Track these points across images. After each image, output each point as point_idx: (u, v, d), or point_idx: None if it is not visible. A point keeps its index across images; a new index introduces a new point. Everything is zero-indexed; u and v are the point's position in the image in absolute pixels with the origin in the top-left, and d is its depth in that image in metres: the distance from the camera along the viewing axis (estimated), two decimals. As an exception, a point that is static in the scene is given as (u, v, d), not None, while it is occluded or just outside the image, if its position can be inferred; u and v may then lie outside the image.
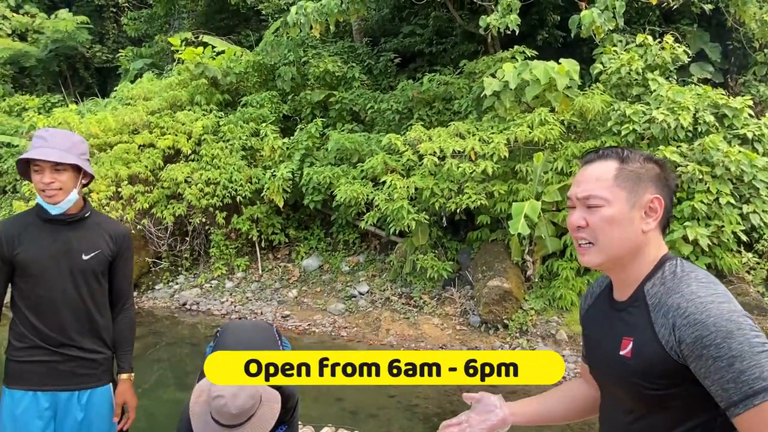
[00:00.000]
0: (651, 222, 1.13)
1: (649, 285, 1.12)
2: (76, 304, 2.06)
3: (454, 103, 8.20)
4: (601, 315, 1.25)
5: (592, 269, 1.24)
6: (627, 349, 1.11)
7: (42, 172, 1.99)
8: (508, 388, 4.85)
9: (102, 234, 2.15)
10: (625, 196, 1.12)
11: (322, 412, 4.70)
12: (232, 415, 1.93)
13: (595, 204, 1.13)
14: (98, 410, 2.14)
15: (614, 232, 1.12)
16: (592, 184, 1.15)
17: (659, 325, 1.06)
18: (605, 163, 1.16)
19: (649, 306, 1.10)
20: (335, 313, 7.24)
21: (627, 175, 1.14)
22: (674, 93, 6.37)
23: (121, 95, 10.55)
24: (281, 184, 7.96)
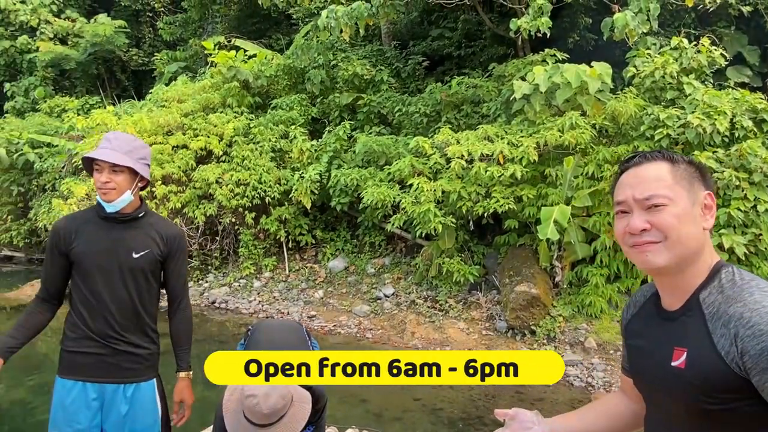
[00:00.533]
0: (709, 219, 1.10)
1: (705, 293, 1.07)
2: (123, 300, 2.14)
3: (482, 107, 8.16)
4: (649, 324, 1.19)
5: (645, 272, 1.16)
6: (680, 360, 1.06)
7: (101, 171, 2.09)
8: (521, 393, 4.79)
9: (154, 234, 2.21)
10: (686, 194, 1.10)
11: (347, 413, 4.73)
12: (263, 414, 1.97)
13: (659, 203, 1.09)
14: (142, 404, 2.20)
15: (684, 228, 1.08)
16: (651, 184, 1.10)
17: (718, 335, 1.01)
18: (655, 164, 1.12)
19: (706, 315, 1.04)
20: (360, 315, 7.28)
21: (682, 174, 1.11)
22: (710, 97, 6.21)
23: (156, 97, 10.85)
24: (309, 185, 8.06)
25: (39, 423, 4.70)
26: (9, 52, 15.32)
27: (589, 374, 5.29)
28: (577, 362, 5.49)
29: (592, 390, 5.04)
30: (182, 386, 2.31)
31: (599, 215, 6.21)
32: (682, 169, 1.11)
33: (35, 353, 7.09)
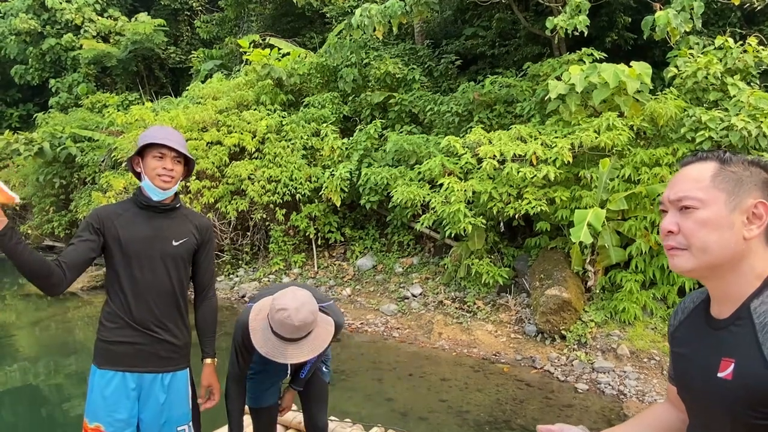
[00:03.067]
0: (755, 228, 1.02)
1: (756, 302, 1.01)
2: (164, 288, 2.19)
3: (516, 106, 8.03)
4: (696, 332, 1.14)
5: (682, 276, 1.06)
6: (727, 371, 1.01)
7: (164, 159, 2.15)
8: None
9: (189, 224, 2.28)
10: (724, 198, 1.03)
11: (372, 412, 4.73)
12: (294, 327, 2.06)
13: (689, 205, 1.04)
14: (178, 393, 2.25)
15: (710, 236, 1.02)
16: (687, 184, 1.06)
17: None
18: (703, 164, 1.07)
19: (756, 325, 0.99)
20: (388, 314, 7.27)
21: (727, 176, 1.04)
22: (757, 99, 5.94)
23: (192, 94, 11.08)
24: (339, 183, 8.09)
25: (73, 409, 4.86)
26: (54, 50, 15.91)
27: (621, 382, 5.15)
28: (609, 369, 5.35)
29: (623, 398, 4.90)
30: (209, 372, 2.36)
31: (635, 219, 6.03)
32: (732, 170, 1.04)
33: (73, 341, 7.34)
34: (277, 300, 2.13)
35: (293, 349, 2.13)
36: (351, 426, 3.58)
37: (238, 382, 2.46)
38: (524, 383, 5.33)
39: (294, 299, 2.13)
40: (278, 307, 2.10)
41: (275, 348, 2.13)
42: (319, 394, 2.73)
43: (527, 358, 5.83)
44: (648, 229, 5.93)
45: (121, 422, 2.13)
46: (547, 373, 5.50)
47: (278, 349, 2.13)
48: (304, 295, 2.17)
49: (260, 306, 2.28)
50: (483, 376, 5.54)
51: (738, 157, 1.06)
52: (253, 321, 2.22)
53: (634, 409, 4.58)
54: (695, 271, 1.05)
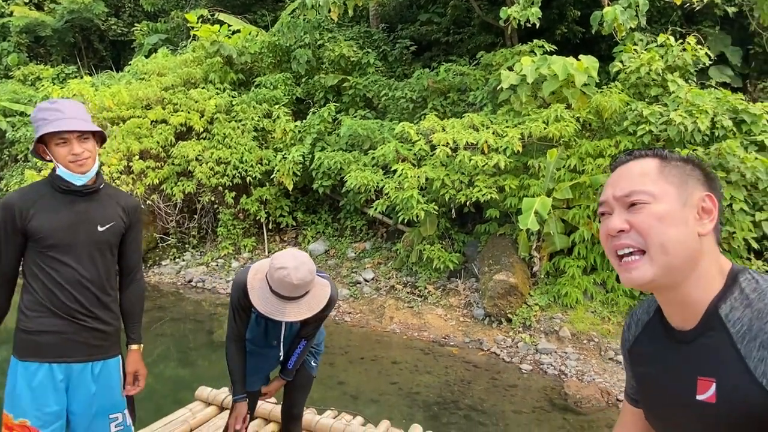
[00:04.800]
0: (707, 223, 0.93)
1: (725, 308, 0.89)
2: (91, 275, 2.06)
3: (469, 95, 8.14)
4: (659, 348, 1.00)
5: (633, 287, 0.96)
6: (709, 393, 0.88)
7: (69, 143, 1.96)
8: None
9: (115, 206, 2.14)
10: (675, 192, 0.93)
11: (323, 395, 4.75)
12: (293, 285, 2.10)
13: (640, 200, 0.93)
14: (109, 381, 2.15)
15: (668, 231, 0.91)
16: (633, 179, 0.96)
17: (754, 359, 0.83)
18: (644, 161, 0.98)
19: (733, 335, 0.87)
20: (339, 298, 7.27)
21: (672, 171, 0.96)
22: (693, 96, 6.29)
23: (135, 70, 10.54)
24: (292, 167, 7.97)
25: None
26: (-20, 15, 14.70)
27: (562, 363, 5.40)
28: (552, 351, 5.60)
29: (564, 378, 5.14)
30: (136, 358, 2.25)
31: (579, 208, 6.29)
32: (673, 166, 0.97)
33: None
34: (276, 259, 2.15)
35: (291, 308, 2.16)
36: (305, 410, 3.57)
37: (236, 341, 2.43)
38: (472, 365, 5.50)
39: (293, 258, 2.16)
40: (277, 266, 2.12)
41: (274, 306, 2.15)
42: (302, 385, 2.73)
43: (475, 340, 6.00)
44: (590, 217, 6.19)
45: (50, 416, 2.01)
46: (493, 355, 5.69)
47: (277, 307, 2.15)
48: (302, 255, 2.21)
49: (258, 266, 2.28)
50: (433, 358, 5.66)
51: (675, 154, 1.00)
52: (251, 280, 2.22)
53: (574, 388, 4.82)
54: (656, 281, 0.92)
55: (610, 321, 5.87)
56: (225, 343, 2.44)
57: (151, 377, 5.38)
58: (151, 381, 5.32)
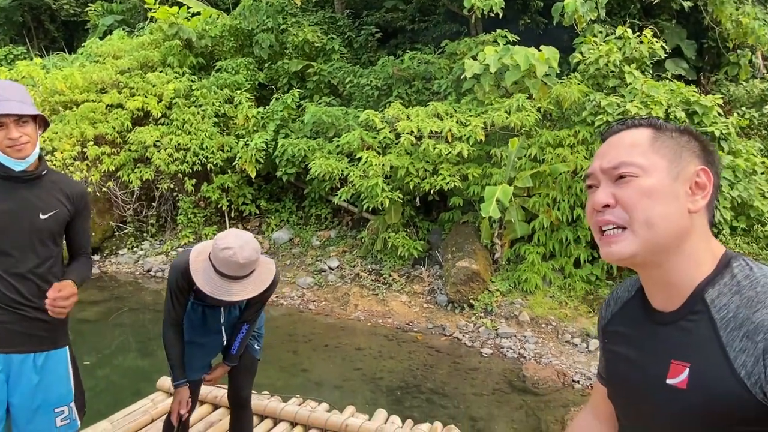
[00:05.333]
0: (699, 200, 0.87)
1: (712, 292, 0.84)
2: (33, 264, 1.97)
3: (433, 83, 8.17)
4: (636, 328, 0.96)
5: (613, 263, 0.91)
6: (680, 378, 0.83)
7: (6, 127, 1.86)
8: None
9: (59, 193, 2.05)
10: (666, 165, 0.87)
11: (287, 383, 4.74)
12: (239, 264, 2.09)
13: (628, 173, 0.87)
14: (54, 373, 2.06)
15: (655, 207, 0.85)
16: (622, 150, 0.89)
17: (736, 348, 0.78)
18: (636, 131, 0.91)
19: (717, 321, 0.82)
20: (304, 287, 7.24)
21: (665, 142, 0.89)
22: (649, 87, 6.49)
23: (89, 52, 10.11)
24: (254, 154, 7.83)
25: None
26: None
27: (521, 346, 5.54)
28: (511, 335, 5.74)
29: (523, 361, 5.28)
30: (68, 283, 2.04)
31: (539, 196, 6.43)
32: (668, 136, 0.90)
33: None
34: (219, 240, 2.13)
35: (237, 287, 2.15)
36: (269, 398, 3.55)
37: (174, 326, 2.38)
38: (434, 350, 5.58)
39: (237, 238, 2.14)
40: (222, 246, 2.10)
41: (219, 287, 2.12)
42: (247, 368, 2.70)
43: (438, 326, 6.09)
44: (550, 205, 6.35)
45: None
46: (455, 340, 5.79)
47: (222, 287, 2.12)
48: (246, 234, 2.19)
49: (200, 248, 2.25)
50: (396, 344, 5.72)
51: (670, 124, 0.93)
52: (194, 263, 2.18)
53: (532, 370, 4.96)
54: (638, 256, 0.87)
55: (567, 305, 6.06)
56: (162, 328, 2.40)
57: (110, 368, 5.27)
58: (111, 372, 5.22)
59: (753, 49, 8.55)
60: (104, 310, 6.64)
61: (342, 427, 3.19)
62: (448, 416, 4.21)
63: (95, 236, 8.40)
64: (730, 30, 7.98)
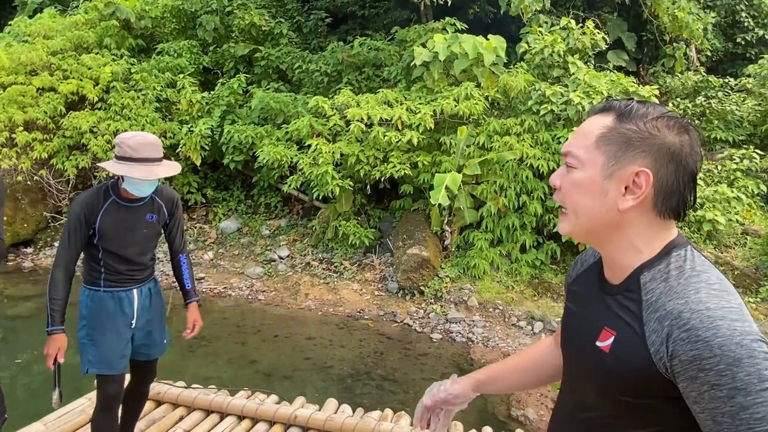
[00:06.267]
0: (629, 200, 0.90)
1: (647, 275, 0.92)
2: None
3: (384, 70, 8.12)
4: (589, 291, 1.06)
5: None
6: (606, 343, 0.94)
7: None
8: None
9: None
10: (602, 162, 0.92)
11: (235, 375, 4.65)
12: (151, 143, 2.22)
13: (569, 163, 0.96)
14: None
15: (582, 201, 0.94)
16: (576, 139, 0.96)
17: (650, 328, 0.88)
18: (602, 118, 0.95)
19: (644, 302, 0.91)
20: (253, 277, 7.10)
21: (614, 137, 0.92)
22: (590, 77, 6.71)
23: (16, 31, 9.45)
24: (199, 140, 7.57)
25: None
26: None
27: (470, 330, 5.66)
28: (460, 320, 5.85)
29: (471, 344, 5.40)
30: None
31: (487, 183, 6.55)
32: (624, 129, 0.91)
33: None
34: (121, 138, 2.24)
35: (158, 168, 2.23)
36: (216, 392, 3.46)
37: (66, 269, 2.26)
38: (385, 336, 5.61)
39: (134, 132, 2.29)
40: (128, 137, 2.23)
41: (143, 170, 2.18)
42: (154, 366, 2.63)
43: (389, 313, 6.12)
44: (497, 192, 6.48)
45: None
46: (406, 326, 5.84)
47: (146, 170, 2.19)
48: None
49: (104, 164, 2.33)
50: (347, 332, 5.72)
51: (642, 112, 0.92)
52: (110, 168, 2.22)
53: (479, 354, 5.08)
54: (574, 235, 0.99)
55: (513, 289, 6.23)
56: (52, 272, 2.26)
57: (45, 366, 4.97)
58: (46, 370, 4.93)
59: (688, 43, 8.97)
60: (38, 306, 6.28)
61: (291, 418, 3.15)
62: (399, 402, 4.25)
63: (27, 227, 7.92)
64: (667, 23, 8.34)
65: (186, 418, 3.23)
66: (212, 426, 3.19)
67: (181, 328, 6.13)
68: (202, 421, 3.22)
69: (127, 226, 2.31)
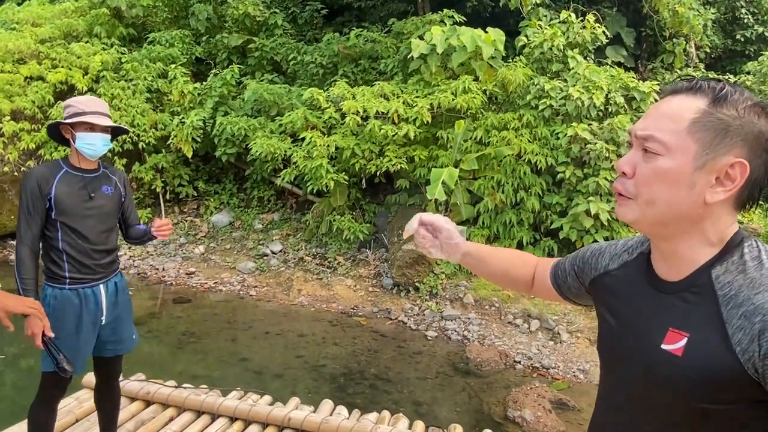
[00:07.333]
0: (720, 192, 0.83)
1: (719, 269, 0.85)
2: None
3: (380, 63, 7.99)
4: (635, 289, 0.96)
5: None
6: (677, 345, 0.85)
7: None
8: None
9: None
10: (696, 150, 0.82)
11: (224, 373, 4.53)
12: (102, 103, 2.28)
13: (651, 149, 0.85)
14: None
15: (664, 192, 0.84)
16: (661, 121, 0.85)
17: (734, 326, 0.80)
18: (692, 99, 0.84)
19: (719, 297, 0.83)
20: (245, 272, 6.97)
21: (710, 123, 0.82)
22: (590, 72, 6.61)
23: (4, 18, 9.23)
24: (191, 132, 7.41)
25: None
26: None
27: (465, 328, 5.57)
28: (456, 317, 5.75)
29: (467, 342, 5.31)
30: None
31: (484, 179, 6.44)
32: (721, 115, 0.82)
33: None
34: (68, 101, 2.28)
35: (110, 120, 2.29)
36: (207, 393, 3.34)
37: (31, 245, 2.18)
38: (379, 334, 5.51)
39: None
40: (73, 99, 2.26)
41: (94, 118, 2.20)
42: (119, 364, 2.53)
43: (383, 310, 6.02)
44: (495, 188, 6.37)
45: None
46: (401, 324, 5.74)
47: (98, 118, 2.22)
48: None
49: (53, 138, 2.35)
50: (340, 329, 5.61)
51: (737, 97, 0.83)
52: (64, 121, 2.22)
53: (475, 352, 4.99)
54: (638, 225, 0.90)
55: (510, 287, 6.13)
56: (16, 251, 2.19)
57: (33, 361, 4.84)
58: (34, 364, 4.80)
59: (687, 39, 8.89)
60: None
61: (285, 421, 3.05)
62: (392, 402, 4.16)
63: (14, 219, 7.73)
64: (667, 19, 8.25)
65: (176, 419, 3.12)
66: (203, 428, 3.08)
67: (170, 323, 5.98)
68: (193, 422, 3.11)
69: (83, 196, 2.24)
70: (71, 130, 2.21)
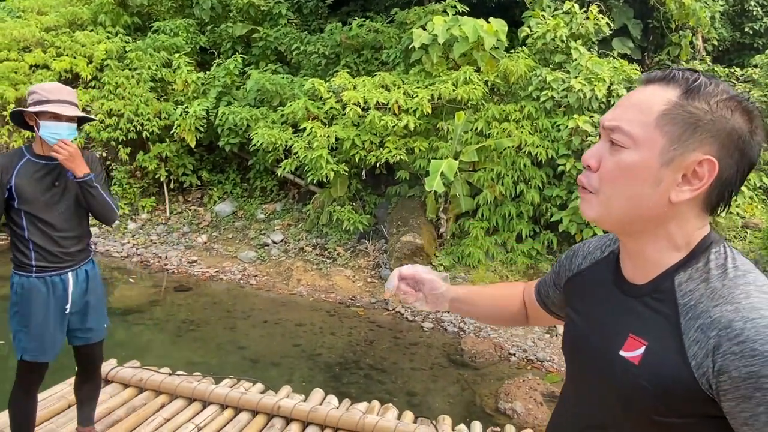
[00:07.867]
0: (687, 191, 0.78)
1: (683, 275, 0.81)
2: None
3: (382, 53, 7.96)
4: (601, 291, 0.92)
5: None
6: (634, 353, 0.81)
7: None
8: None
9: None
10: (663, 145, 0.78)
11: (222, 361, 4.61)
12: (68, 90, 2.23)
13: (618, 142, 0.80)
14: None
15: (627, 188, 0.80)
16: (630, 112, 0.80)
17: (690, 337, 0.76)
18: (663, 90, 0.79)
19: (680, 306, 0.79)
20: (246, 261, 7.04)
21: (679, 117, 0.77)
22: (593, 64, 6.55)
23: (10, 6, 9.29)
24: (194, 122, 7.45)
25: None
26: None
27: (461, 320, 5.60)
28: (454, 309, 5.78)
29: (463, 334, 5.35)
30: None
31: (484, 171, 6.43)
32: (692, 109, 0.77)
33: None
34: (33, 87, 2.24)
35: (76, 109, 2.24)
36: (199, 380, 3.40)
37: None
38: (376, 325, 5.56)
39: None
40: (38, 86, 2.21)
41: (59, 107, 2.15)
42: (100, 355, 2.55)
43: (381, 301, 6.06)
44: (494, 180, 6.36)
45: None
46: (398, 315, 5.79)
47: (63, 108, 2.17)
48: None
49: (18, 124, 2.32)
50: (338, 319, 5.66)
51: (711, 89, 0.78)
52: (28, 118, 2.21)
53: (470, 344, 5.02)
54: (601, 222, 0.85)
55: (508, 279, 6.15)
56: None
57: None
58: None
59: (694, 31, 8.76)
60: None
61: (274, 409, 3.10)
62: (386, 392, 4.21)
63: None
64: (674, 11, 8.13)
65: (168, 405, 3.17)
66: (194, 414, 3.13)
67: (170, 311, 6.07)
68: (184, 409, 3.17)
69: (46, 184, 2.19)
70: (35, 118, 2.14)
